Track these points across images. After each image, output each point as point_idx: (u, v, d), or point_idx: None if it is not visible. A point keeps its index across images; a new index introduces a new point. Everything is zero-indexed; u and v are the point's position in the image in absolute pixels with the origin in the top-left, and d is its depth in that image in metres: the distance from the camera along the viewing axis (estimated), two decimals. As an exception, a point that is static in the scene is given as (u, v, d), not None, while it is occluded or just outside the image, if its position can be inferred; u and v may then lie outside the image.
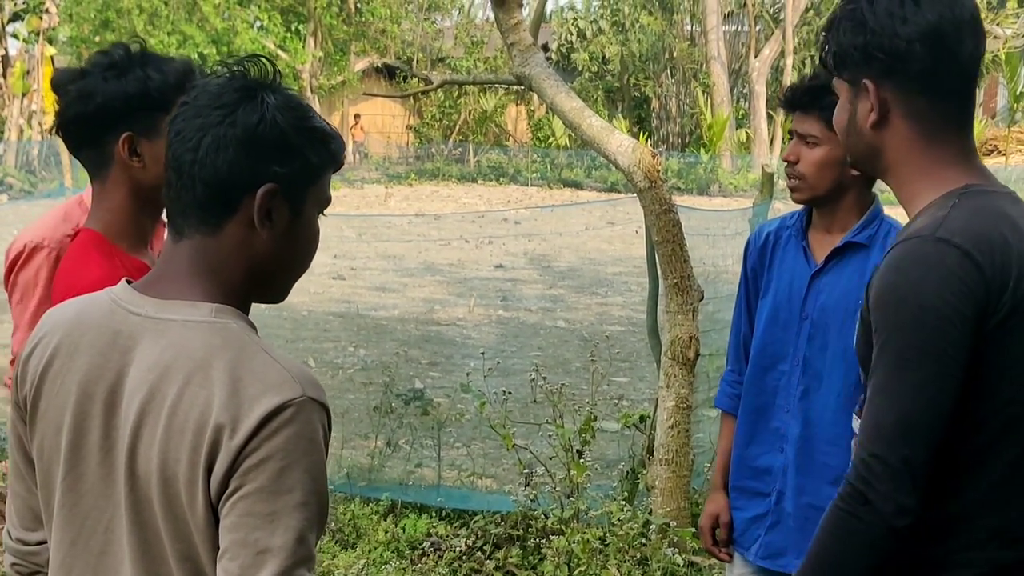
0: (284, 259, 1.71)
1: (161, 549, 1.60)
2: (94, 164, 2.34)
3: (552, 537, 4.96)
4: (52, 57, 30.35)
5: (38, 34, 30.48)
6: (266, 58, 1.72)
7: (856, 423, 2.06)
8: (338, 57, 35.85)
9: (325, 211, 1.75)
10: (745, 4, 35.04)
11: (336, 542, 5.38)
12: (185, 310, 1.63)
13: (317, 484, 1.56)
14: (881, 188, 2.82)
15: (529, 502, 5.25)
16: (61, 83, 2.34)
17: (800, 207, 3.19)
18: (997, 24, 29.04)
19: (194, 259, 1.66)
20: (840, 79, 2.01)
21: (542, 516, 5.17)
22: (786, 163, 3.06)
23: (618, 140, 5.01)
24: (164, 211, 1.75)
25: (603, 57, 38.42)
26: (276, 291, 1.76)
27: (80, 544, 1.67)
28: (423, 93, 35.10)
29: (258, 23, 33.50)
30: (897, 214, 2.45)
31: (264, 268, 1.69)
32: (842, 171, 2.98)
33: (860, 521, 1.83)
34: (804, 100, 3.02)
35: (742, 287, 3.30)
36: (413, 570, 5.08)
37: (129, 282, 1.71)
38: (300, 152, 1.65)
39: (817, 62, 2.13)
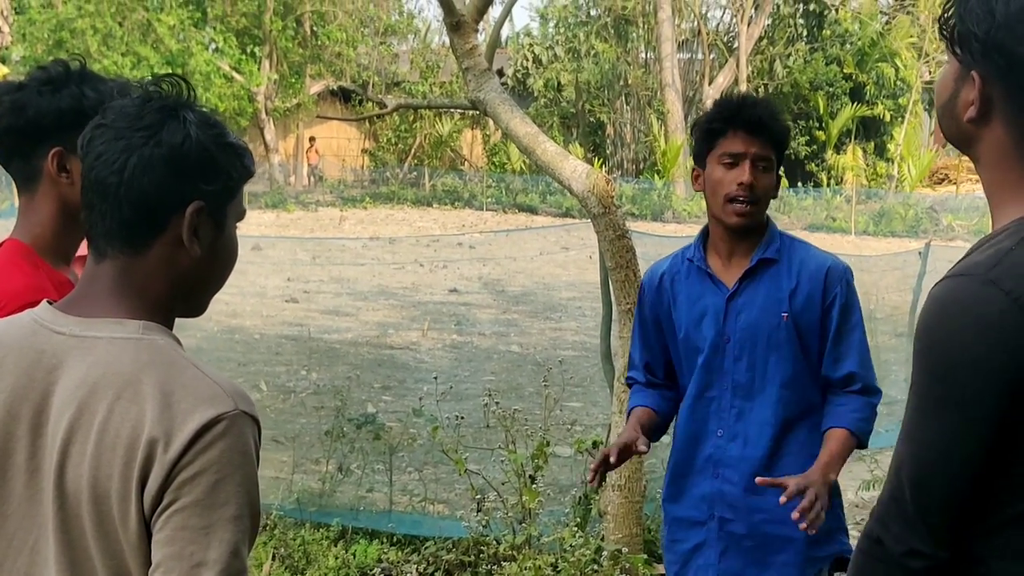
0: (208, 274, 1.72)
1: (91, 567, 1.58)
2: (23, 177, 2.32)
3: (504, 563, 4.95)
4: (5, 77, 30.01)
5: (-11, 53, 30.17)
6: (179, 76, 1.73)
7: None
8: (293, 80, 35.75)
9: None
10: (699, 33, 35.41)
11: (286, 568, 5.32)
12: (111, 327, 1.62)
13: (251, 497, 1.57)
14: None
15: (481, 528, 5.23)
16: None
17: (685, 244, 3.21)
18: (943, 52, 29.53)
19: (118, 279, 1.65)
20: (952, 54, 1.81)
21: (494, 542, 5.15)
22: (739, 186, 2.94)
23: (572, 166, 5.03)
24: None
25: (558, 83, 38.62)
26: (198, 305, 1.77)
27: (6, 566, 1.65)
28: (378, 116, 35.10)
29: (213, 45, 33.36)
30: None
31: (189, 284, 1.70)
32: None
33: (876, 560, 1.79)
34: (760, 123, 2.97)
35: (637, 331, 3.27)
36: (363, 597, 5.03)
37: (50, 303, 1.70)
38: (223, 169, 1.67)
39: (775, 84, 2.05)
